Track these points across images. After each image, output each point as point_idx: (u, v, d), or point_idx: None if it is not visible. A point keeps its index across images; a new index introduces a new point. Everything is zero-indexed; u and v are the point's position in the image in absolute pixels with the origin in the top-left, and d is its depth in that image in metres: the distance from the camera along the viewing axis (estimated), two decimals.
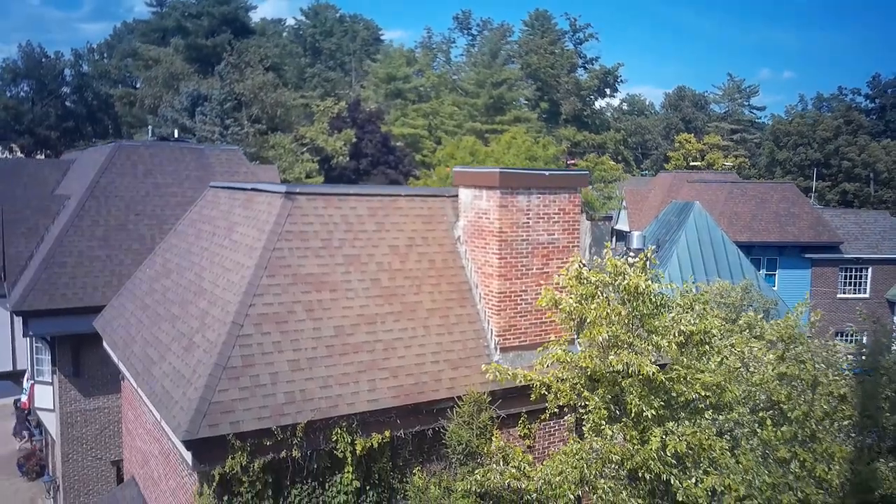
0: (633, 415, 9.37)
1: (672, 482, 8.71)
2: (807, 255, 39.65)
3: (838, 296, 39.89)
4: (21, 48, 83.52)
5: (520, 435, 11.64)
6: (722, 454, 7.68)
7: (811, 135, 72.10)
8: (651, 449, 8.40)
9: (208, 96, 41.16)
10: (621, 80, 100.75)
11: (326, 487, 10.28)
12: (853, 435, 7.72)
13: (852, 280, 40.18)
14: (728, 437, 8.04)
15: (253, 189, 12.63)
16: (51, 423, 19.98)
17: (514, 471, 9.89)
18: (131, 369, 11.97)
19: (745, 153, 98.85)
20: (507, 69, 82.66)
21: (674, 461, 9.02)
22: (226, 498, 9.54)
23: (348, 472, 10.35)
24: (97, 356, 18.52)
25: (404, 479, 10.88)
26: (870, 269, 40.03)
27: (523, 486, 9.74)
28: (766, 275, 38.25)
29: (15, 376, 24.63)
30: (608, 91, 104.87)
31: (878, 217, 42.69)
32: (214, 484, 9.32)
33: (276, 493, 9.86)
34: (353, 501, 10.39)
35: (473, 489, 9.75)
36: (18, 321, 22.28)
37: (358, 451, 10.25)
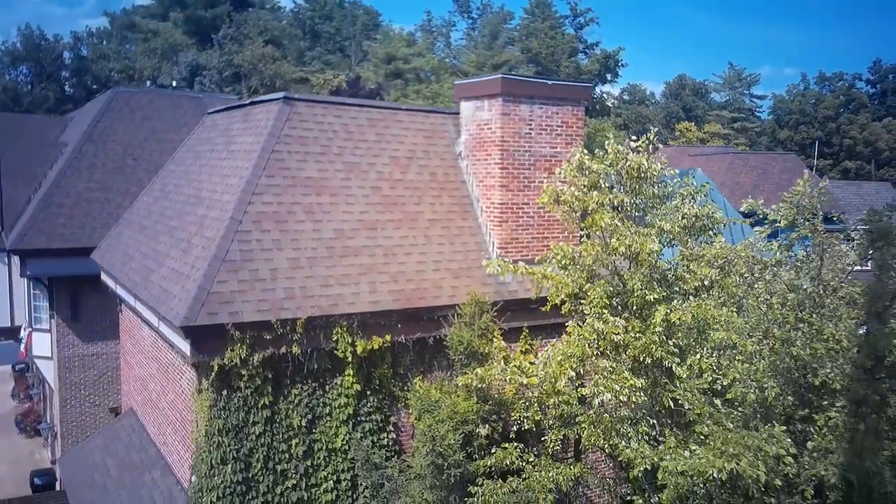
0: (634, 307, 9.22)
1: (674, 369, 8.55)
2: None
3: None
4: (20, 31, 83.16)
5: (521, 350, 11.50)
6: (729, 316, 7.51)
7: (813, 113, 71.81)
8: (654, 326, 8.23)
9: (207, 66, 40.84)
10: (622, 65, 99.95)
11: (327, 389, 10.13)
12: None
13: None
14: (734, 307, 7.86)
15: (251, 102, 12.46)
16: (48, 371, 19.83)
17: (515, 368, 9.74)
18: (129, 282, 11.82)
19: (746, 142, 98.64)
20: (506, 52, 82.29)
21: (676, 350, 8.89)
22: (225, 392, 9.40)
23: (349, 374, 10.21)
24: (96, 302, 18.43)
25: (405, 388, 10.74)
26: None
27: (524, 381, 9.59)
28: None
29: (13, 333, 24.50)
30: (609, 76, 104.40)
31: (879, 188, 42.52)
32: (213, 375, 9.17)
33: (275, 391, 9.72)
34: (353, 405, 10.25)
35: (474, 384, 9.59)
36: (17, 276, 22.16)
37: (359, 352, 10.11)
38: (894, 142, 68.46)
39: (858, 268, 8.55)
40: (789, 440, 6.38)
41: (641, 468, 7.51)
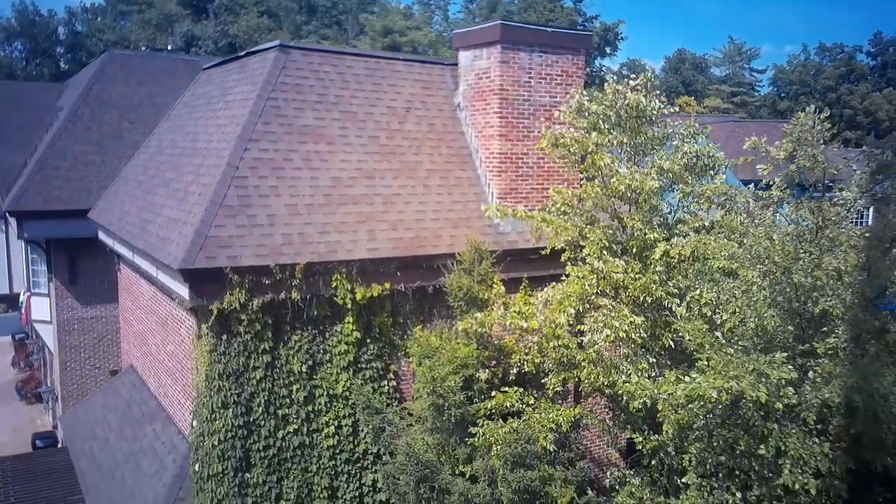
0: (634, 250, 9.19)
1: (674, 308, 8.54)
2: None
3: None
4: (14, 7, 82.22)
5: (521, 299, 11.47)
6: (730, 247, 7.47)
7: (813, 84, 71.32)
8: (654, 265, 8.20)
9: (202, 37, 40.45)
10: (621, 38, 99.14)
11: (327, 336, 10.13)
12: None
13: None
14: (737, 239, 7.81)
15: (247, 53, 12.32)
16: (48, 335, 19.85)
17: (515, 314, 9.73)
18: (126, 235, 11.76)
19: (746, 116, 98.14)
20: None
21: (676, 290, 8.87)
22: (224, 337, 9.40)
23: (349, 321, 10.21)
24: (94, 265, 18.38)
25: (405, 336, 10.74)
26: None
27: (525, 325, 9.58)
28: None
29: (12, 300, 24.48)
30: (608, 49, 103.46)
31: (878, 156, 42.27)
32: (212, 319, 9.15)
33: (275, 337, 9.72)
34: (353, 352, 10.26)
35: (474, 329, 9.58)
36: (15, 243, 22.09)
37: (358, 300, 10.10)
38: (895, 112, 68.09)
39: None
40: (790, 366, 6.38)
41: (641, 401, 7.52)
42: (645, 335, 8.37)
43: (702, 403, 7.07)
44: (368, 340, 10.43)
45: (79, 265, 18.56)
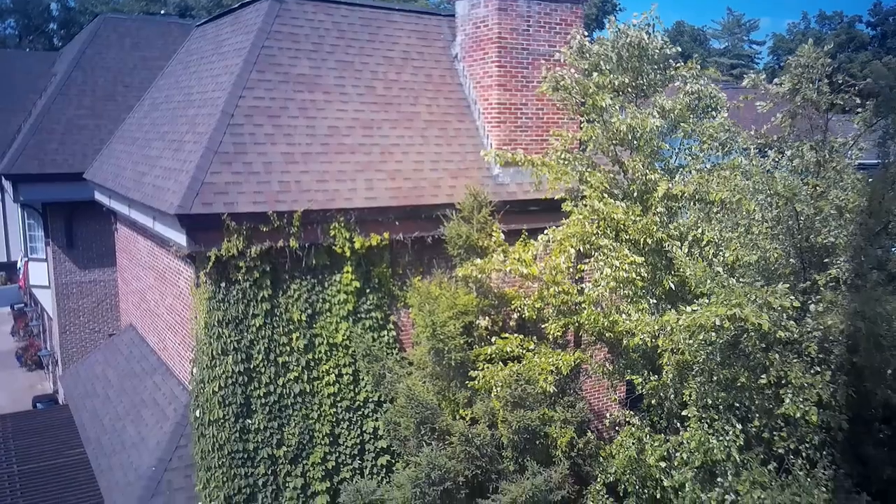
0: (635, 194, 9.15)
1: (675, 251, 8.50)
2: None
3: None
4: None
5: (520, 249, 11.44)
6: (733, 179, 7.41)
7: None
8: (655, 206, 8.15)
9: (195, 6, 39.98)
10: (620, 9, 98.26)
11: (326, 285, 10.11)
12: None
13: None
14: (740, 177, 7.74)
15: (241, 5, 12.14)
16: (46, 299, 19.84)
17: (515, 260, 9.70)
18: (121, 189, 11.68)
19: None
20: None
21: (676, 233, 8.84)
22: (223, 285, 9.37)
23: (347, 271, 10.18)
24: (91, 229, 18.34)
25: (404, 287, 10.72)
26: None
27: (525, 271, 9.56)
28: None
29: (9, 267, 24.43)
30: (607, 23, 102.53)
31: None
32: (209, 266, 9.11)
33: (274, 285, 9.69)
34: (352, 301, 10.24)
35: (474, 275, 9.56)
36: (12, 208, 22.00)
37: (357, 249, 10.06)
38: (894, 80, 67.59)
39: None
40: (792, 297, 6.37)
41: (641, 338, 7.51)
42: (646, 275, 8.34)
43: (702, 337, 7.07)
44: (368, 290, 10.41)
45: (76, 229, 18.49)
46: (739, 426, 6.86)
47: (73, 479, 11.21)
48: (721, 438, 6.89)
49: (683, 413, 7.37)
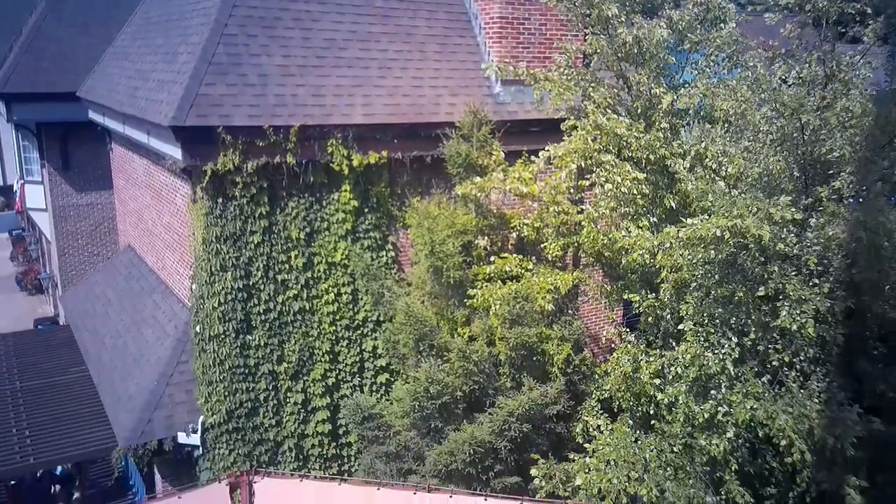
0: (639, 110, 8.96)
1: (678, 170, 8.38)
2: None
3: None
4: None
5: (520, 168, 11.30)
6: (738, 89, 7.25)
7: None
8: (658, 123, 7.99)
9: None
10: None
11: (324, 204, 10.02)
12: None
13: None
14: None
15: None
16: (44, 223, 19.76)
17: (515, 179, 9.59)
18: (115, 104, 11.44)
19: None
20: None
21: (680, 150, 8.70)
22: (220, 200, 9.28)
23: (346, 189, 10.07)
24: (87, 151, 18.04)
25: (403, 208, 10.63)
26: None
27: (525, 190, 9.46)
28: None
29: (5, 191, 24.27)
30: None
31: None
32: (206, 180, 9.00)
33: (272, 202, 9.61)
34: (351, 221, 10.17)
35: (473, 194, 9.46)
36: (6, 130, 21.66)
37: (355, 166, 9.92)
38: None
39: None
40: (794, 209, 6.31)
41: (640, 253, 7.48)
42: (647, 192, 8.26)
43: (702, 254, 7.03)
44: (366, 210, 10.33)
45: (71, 151, 18.23)
46: (735, 339, 6.90)
47: (75, 395, 11.39)
48: (716, 352, 6.95)
49: (680, 327, 7.41)
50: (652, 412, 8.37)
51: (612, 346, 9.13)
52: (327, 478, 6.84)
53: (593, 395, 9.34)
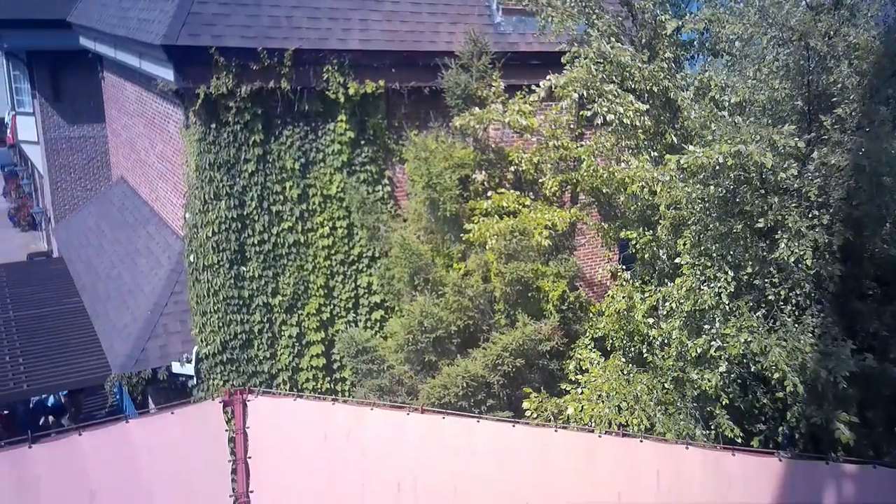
0: (643, 39, 8.71)
1: (681, 101, 8.18)
2: None
3: None
4: None
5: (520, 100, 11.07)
6: (745, 11, 7.03)
7: None
8: (664, 46, 7.76)
9: None
10: None
11: (319, 134, 9.83)
12: None
13: None
14: None
15: None
16: (36, 156, 19.51)
17: (514, 111, 9.39)
18: (106, 27, 11.12)
19: None
20: None
21: (683, 83, 8.50)
22: (213, 126, 9.08)
23: (342, 119, 9.87)
24: (79, 82, 17.67)
25: (400, 141, 10.44)
26: None
27: (525, 122, 9.28)
28: None
29: None
30: None
31: None
32: (199, 104, 8.79)
33: (266, 130, 9.41)
34: (347, 152, 9.99)
35: (472, 125, 9.27)
36: None
37: (351, 95, 9.69)
38: None
39: None
40: (797, 138, 6.17)
41: (639, 185, 7.36)
42: (649, 124, 8.08)
43: (701, 190, 6.92)
44: (362, 142, 10.14)
45: (62, 81, 17.87)
46: (731, 273, 6.84)
47: (69, 325, 11.36)
48: (712, 286, 6.90)
49: (676, 261, 7.35)
50: (645, 351, 8.38)
51: (607, 288, 9.09)
52: (321, 398, 6.86)
53: (587, 334, 9.34)
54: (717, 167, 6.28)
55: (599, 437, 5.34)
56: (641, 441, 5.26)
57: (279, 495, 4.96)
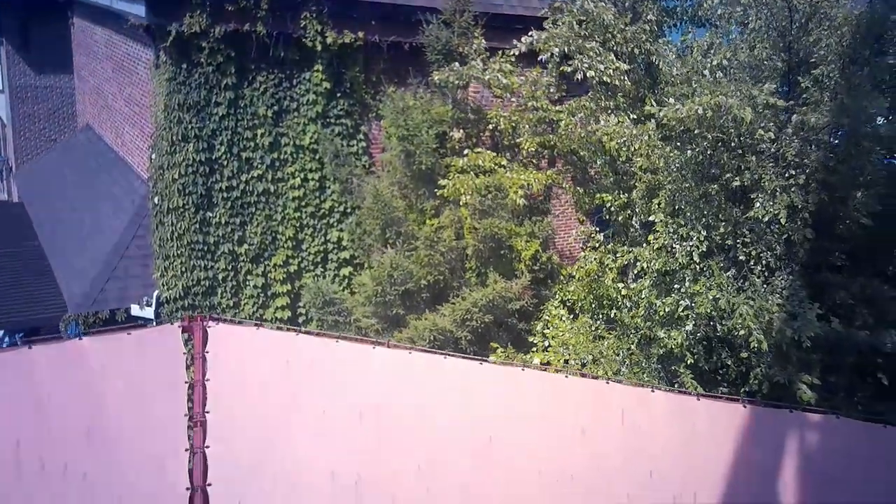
0: (626, 2, 8.66)
1: (662, 60, 8.14)
2: None
3: None
4: None
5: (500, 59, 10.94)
6: None
7: None
8: (645, 14, 7.72)
9: None
10: None
11: (294, 83, 9.61)
12: None
13: None
14: None
15: None
16: (1, 105, 18.89)
17: (495, 69, 9.28)
18: None
19: None
20: None
21: (665, 46, 8.47)
22: (184, 66, 8.81)
23: (318, 70, 9.65)
24: (47, 32, 17.12)
25: (378, 97, 10.26)
26: None
27: (505, 81, 9.18)
28: None
29: None
30: None
31: None
32: (170, 41, 8.51)
33: (239, 75, 9.16)
34: (322, 103, 9.79)
35: (451, 81, 9.14)
36: None
37: (329, 44, 9.48)
38: None
39: None
40: (778, 96, 6.18)
41: (618, 142, 7.32)
42: (629, 87, 8.04)
43: (678, 156, 6.90)
44: (339, 94, 9.93)
45: (31, 30, 17.29)
46: (704, 233, 6.84)
47: (26, 267, 11.02)
48: (684, 244, 6.90)
49: (650, 218, 7.33)
50: (613, 314, 8.38)
51: (578, 259, 9.07)
52: (285, 328, 6.71)
53: (557, 296, 9.32)
54: (696, 123, 6.25)
55: (566, 377, 5.29)
56: (608, 382, 5.22)
57: (236, 416, 4.81)
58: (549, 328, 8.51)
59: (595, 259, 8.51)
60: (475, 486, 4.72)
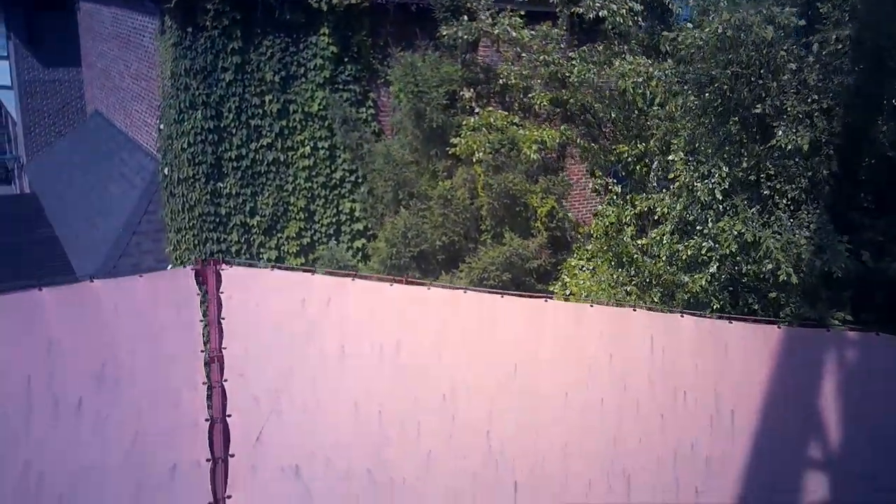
0: None
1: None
2: None
3: None
4: None
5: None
6: None
7: None
8: None
9: None
10: None
11: (301, 47, 9.49)
12: None
13: None
14: None
15: None
16: (10, 101, 18.95)
17: (504, 25, 9.10)
18: None
19: None
20: None
21: None
22: (189, 30, 8.72)
23: (324, 33, 9.54)
24: (54, 24, 17.15)
25: (385, 62, 10.12)
26: None
27: (515, 35, 9.00)
28: None
29: None
30: None
31: None
32: (174, 3, 8.40)
33: (245, 39, 9.06)
34: (329, 68, 9.66)
35: (460, 34, 8.96)
36: None
37: (334, 5, 9.34)
38: None
39: None
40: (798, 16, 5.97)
41: (633, 82, 7.13)
42: (643, 36, 7.84)
43: (695, 100, 6.69)
44: (346, 59, 9.81)
45: (37, 23, 17.31)
46: (726, 169, 6.63)
47: (41, 252, 10.97)
48: (706, 182, 6.69)
49: (670, 158, 7.13)
50: (633, 272, 8.17)
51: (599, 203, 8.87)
52: (300, 269, 6.59)
53: (575, 255, 9.13)
54: (715, 49, 6.04)
55: (591, 306, 5.12)
56: (635, 310, 5.04)
57: (253, 353, 4.67)
58: (570, 279, 8.32)
59: (613, 212, 8.31)
60: (501, 412, 4.56)
